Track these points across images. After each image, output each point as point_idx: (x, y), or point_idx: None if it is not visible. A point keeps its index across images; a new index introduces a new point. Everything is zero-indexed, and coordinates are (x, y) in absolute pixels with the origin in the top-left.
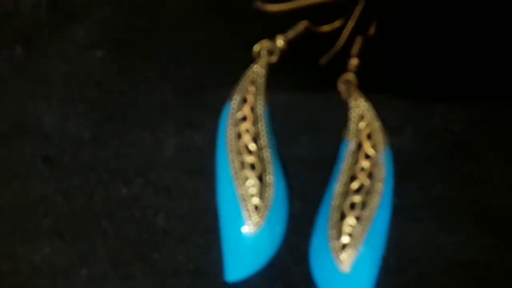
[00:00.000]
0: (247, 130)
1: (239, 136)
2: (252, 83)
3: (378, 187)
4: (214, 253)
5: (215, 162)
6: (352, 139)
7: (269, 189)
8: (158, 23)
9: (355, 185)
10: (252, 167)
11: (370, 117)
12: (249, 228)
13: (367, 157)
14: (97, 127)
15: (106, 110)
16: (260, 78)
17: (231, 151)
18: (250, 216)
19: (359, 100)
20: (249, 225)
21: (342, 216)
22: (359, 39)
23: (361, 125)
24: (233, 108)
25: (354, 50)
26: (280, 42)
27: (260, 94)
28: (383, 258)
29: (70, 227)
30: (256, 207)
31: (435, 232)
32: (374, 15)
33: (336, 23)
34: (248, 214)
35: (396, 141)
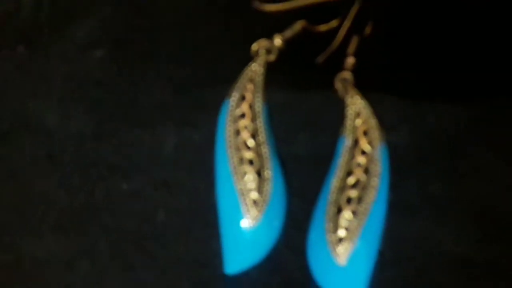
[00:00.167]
0: (246, 127)
1: (238, 132)
2: (251, 81)
3: (374, 182)
4: (214, 246)
5: (214, 158)
6: (348, 135)
7: (267, 183)
8: (158, 23)
9: (351, 180)
10: (251, 162)
11: (366, 114)
12: (247, 222)
13: (364, 153)
14: (97, 126)
15: (107, 109)
16: (258, 77)
17: (230, 147)
18: (248, 210)
19: (355, 98)
20: (247, 219)
21: (339, 210)
22: (355, 38)
23: (357, 122)
24: (231, 105)
25: (351, 49)
26: (277, 41)
27: (258, 92)
28: (379, 252)
29: (72, 221)
30: (254, 201)
31: (431, 227)
32: (370, 15)
33: (333, 23)
34: (247, 208)
35: (392, 137)
